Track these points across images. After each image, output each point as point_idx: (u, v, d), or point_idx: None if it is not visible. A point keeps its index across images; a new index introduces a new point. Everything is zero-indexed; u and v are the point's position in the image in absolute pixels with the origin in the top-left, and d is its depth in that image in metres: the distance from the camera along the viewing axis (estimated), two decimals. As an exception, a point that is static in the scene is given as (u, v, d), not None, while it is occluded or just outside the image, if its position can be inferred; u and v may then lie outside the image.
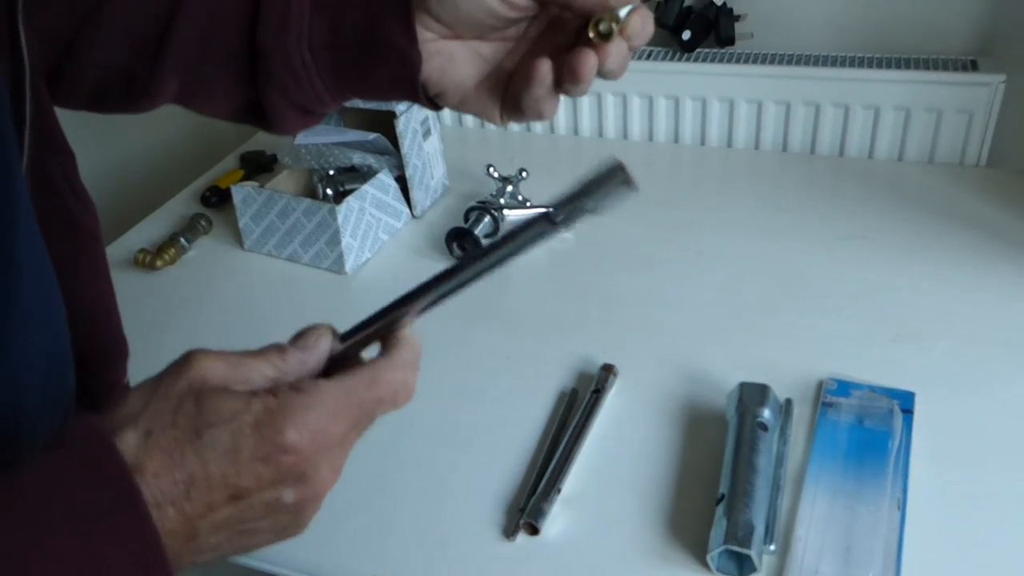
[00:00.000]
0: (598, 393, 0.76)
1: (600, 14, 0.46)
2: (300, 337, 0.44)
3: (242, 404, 0.37)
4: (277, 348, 0.43)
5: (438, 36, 0.51)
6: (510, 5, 0.48)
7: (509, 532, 0.65)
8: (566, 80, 0.48)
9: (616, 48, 0.47)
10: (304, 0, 0.52)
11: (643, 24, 0.47)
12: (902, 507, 0.64)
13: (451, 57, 0.51)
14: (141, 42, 0.57)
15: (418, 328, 0.45)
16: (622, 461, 0.71)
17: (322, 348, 0.43)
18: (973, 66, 1.07)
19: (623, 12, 0.46)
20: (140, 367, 0.87)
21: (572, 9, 0.48)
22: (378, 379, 0.41)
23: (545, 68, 0.48)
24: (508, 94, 0.52)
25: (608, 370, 0.78)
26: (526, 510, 0.66)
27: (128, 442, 0.35)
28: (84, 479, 0.34)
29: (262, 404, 0.37)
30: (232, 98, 0.59)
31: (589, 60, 0.46)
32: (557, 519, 0.66)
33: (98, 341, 0.68)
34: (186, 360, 0.40)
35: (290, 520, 0.38)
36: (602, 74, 0.48)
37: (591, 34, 0.46)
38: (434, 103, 0.54)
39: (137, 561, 0.33)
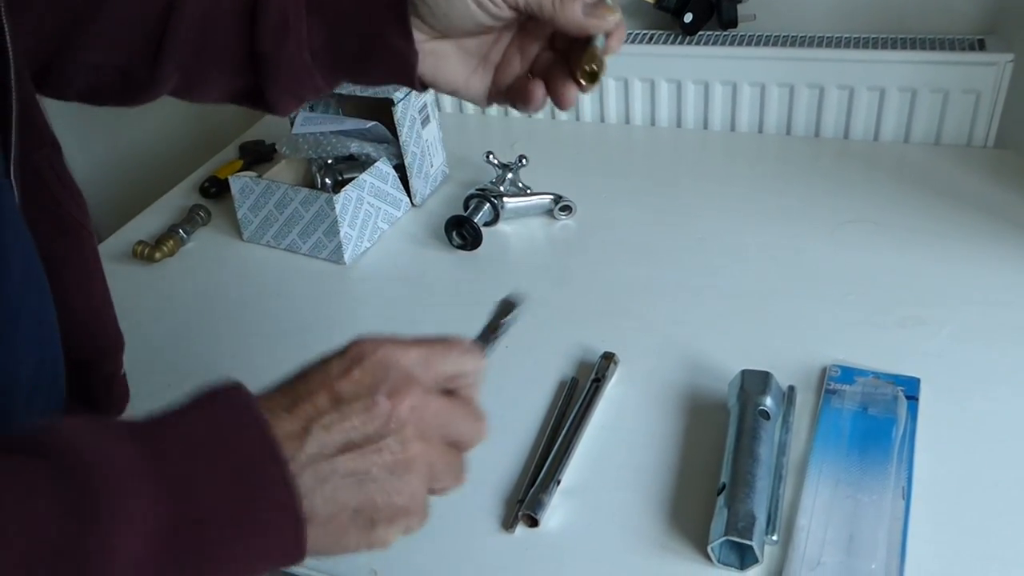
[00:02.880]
0: (598, 382, 0.75)
1: (583, 58, 0.53)
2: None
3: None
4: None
5: (429, 37, 0.56)
6: (495, 18, 0.54)
7: (508, 524, 0.64)
8: (554, 103, 0.56)
9: (603, 68, 0.53)
10: (300, 5, 0.56)
11: (620, 39, 0.54)
12: (907, 495, 0.62)
13: (442, 55, 0.57)
14: (140, 43, 0.58)
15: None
16: (622, 451, 0.70)
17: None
18: (980, 45, 1.05)
19: (600, 41, 0.53)
20: (139, 359, 0.87)
21: (556, 28, 0.54)
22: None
23: (540, 92, 0.56)
24: (495, 83, 0.59)
25: (608, 359, 0.77)
26: (525, 501, 0.65)
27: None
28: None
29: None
30: (229, 89, 0.61)
31: (573, 93, 0.55)
32: (556, 510, 0.65)
33: (93, 335, 0.68)
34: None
35: (395, 451, 0.40)
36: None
37: (581, 80, 0.53)
38: (424, 87, 0.59)
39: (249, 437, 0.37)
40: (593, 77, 0.53)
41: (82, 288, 0.65)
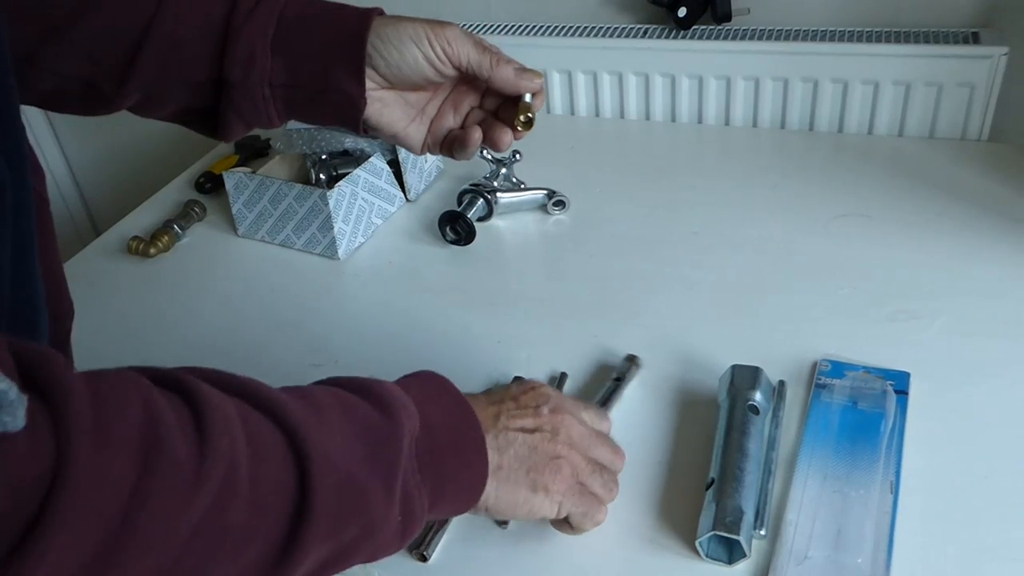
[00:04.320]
0: (619, 381, 0.74)
1: (519, 110, 0.64)
2: None
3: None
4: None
5: (377, 87, 0.64)
6: (440, 74, 0.63)
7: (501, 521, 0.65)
8: (491, 147, 0.66)
9: (534, 119, 0.65)
10: (266, 40, 0.62)
11: (542, 101, 0.65)
12: (895, 490, 0.63)
13: (387, 103, 0.65)
14: (111, 60, 0.61)
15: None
16: (613, 446, 0.70)
17: None
18: (974, 38, 1.05)
19: (528, 98, 0.64)
20: (134, 354, 0.87)
21: (492, 86, 0.64)
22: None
23: (477, 136, 0.65)
24: (430, 134, 0.67)
25: (631, 360, 0.76)
26: (515, 496, 0.65)
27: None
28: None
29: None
30: (184, 108, 0.65)
31: (507, 137, 0.65)
32: (546, 505, 0.66)
33: (52, 301, 0.69)
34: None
35: (551, 442, 0.57)
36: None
37: (518, 127, 0.64)
38: (366, 131, 0.67)
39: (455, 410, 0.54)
40: (528, 124, 0.64)
41: (43, 256, 0.66)
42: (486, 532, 0.64)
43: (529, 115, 0.64)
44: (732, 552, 0.59)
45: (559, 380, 0.76)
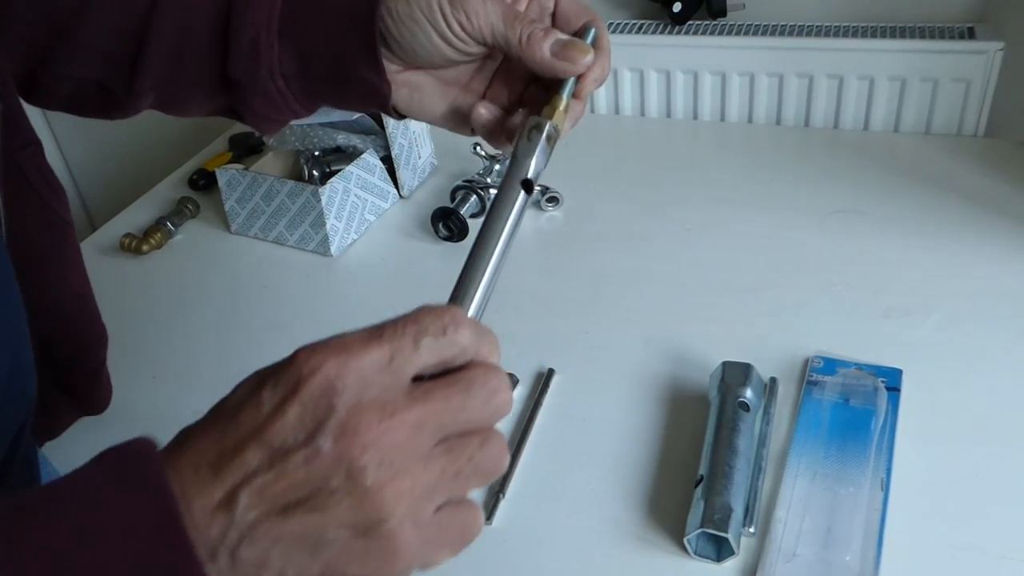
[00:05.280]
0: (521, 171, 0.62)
1: (549, 109, 0.49)
2: None
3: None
4: None
5: (403, 68, 0.54)
6: (463, 53, 0.51)
7: (486, 515, 0.64)
8: (509, 142, 0.54)
9: (561, 126, 0.50)
10: (271, 29, 0.54)
11: (597, 80, 0.52)
12: (885, 487, 0.62)
13: (418, 87, 0.55)
14: (117, 59, 0.58)
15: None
16: (602, 442, 0.70)
17: None
18: (970, 34, 1.04)
19: (568, 87, 0.50)
20: (126, 352, 0.87)
21: (524, 64, 0.51)
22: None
23: (483, 113, 0.54)
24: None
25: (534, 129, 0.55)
26: (504, 492, 0.65)
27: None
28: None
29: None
30: (208, 107, 0.60)
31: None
32: (536, 501, 0.65)
33: (77, 329, 0.68)
34: None
35: (354, 506, 0.31)
36: None
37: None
38: (400, 116, 0.57)
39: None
40: (552, 138, 0.49)
41: (66, 281, 0.65)
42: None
43: (552, 130, 0.49)
44: (721, 550, 0.59)
45: (546, 376, 0.76)
